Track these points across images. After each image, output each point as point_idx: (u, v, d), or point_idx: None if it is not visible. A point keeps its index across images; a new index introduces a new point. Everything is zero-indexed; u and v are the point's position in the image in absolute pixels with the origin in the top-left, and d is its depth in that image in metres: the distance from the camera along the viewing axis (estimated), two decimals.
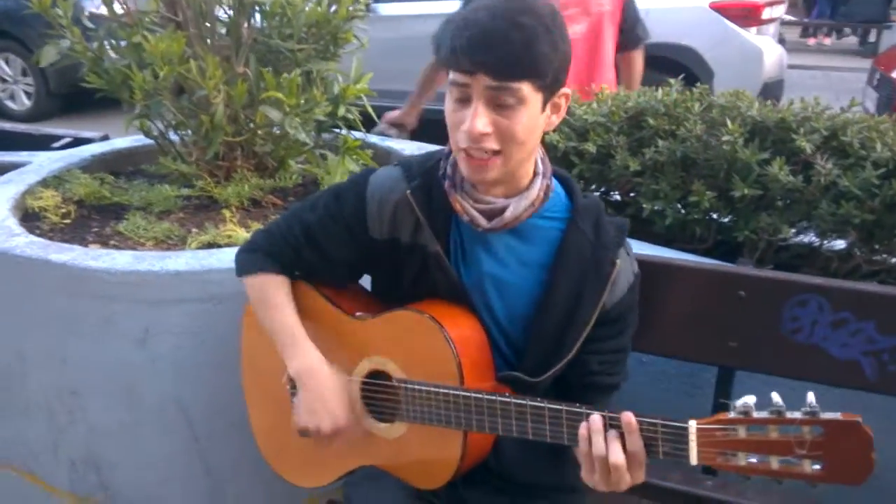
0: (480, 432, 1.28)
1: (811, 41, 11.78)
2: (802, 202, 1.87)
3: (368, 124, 2.59)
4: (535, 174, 1.30)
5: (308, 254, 1.43)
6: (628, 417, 1.11)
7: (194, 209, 2.17)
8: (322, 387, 1.38)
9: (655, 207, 1.97)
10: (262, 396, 1.57)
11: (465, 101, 1.19)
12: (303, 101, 2.05)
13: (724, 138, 1.87)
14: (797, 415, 1.02)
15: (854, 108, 1.95)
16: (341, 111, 2.28)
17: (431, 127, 3.16)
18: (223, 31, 2.17)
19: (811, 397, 1.03)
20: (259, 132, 2.18)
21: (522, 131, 1.18)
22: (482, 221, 1.29)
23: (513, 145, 1.19)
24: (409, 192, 1.33)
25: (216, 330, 1.72)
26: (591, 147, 2.00)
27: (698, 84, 2.11)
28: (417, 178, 1.34)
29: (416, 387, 1.32)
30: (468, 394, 1.27)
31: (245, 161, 2.24)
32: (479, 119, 1.17)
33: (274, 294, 1.44)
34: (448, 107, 1.22)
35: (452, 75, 1.19)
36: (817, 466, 1.01)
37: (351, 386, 1.42)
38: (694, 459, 1.08)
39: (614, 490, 1.13)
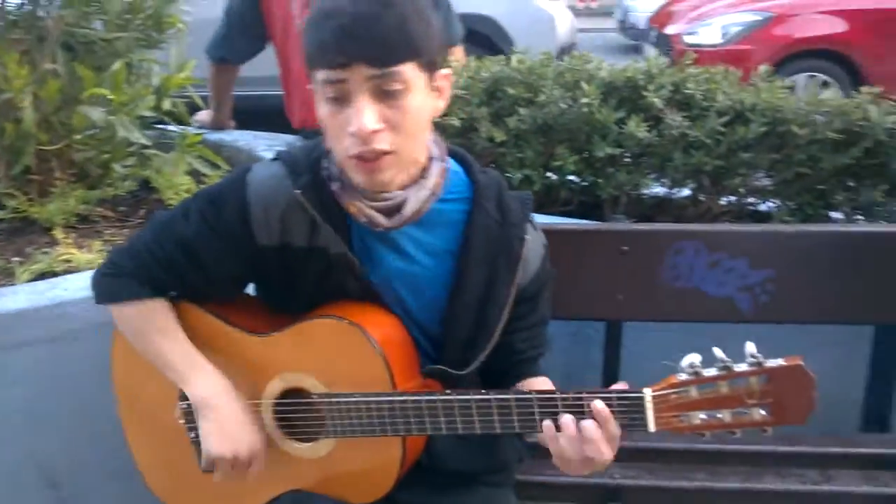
0: (421, 435, 1.21)
1: (580, 3, 12.61)
2: (657, 155, 1.96)
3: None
4: (431, 158, 1.21)
5: (186, 271, 1.25)
6: (598, 407, 1.07)
7: (8, 234, 1.86)
8: (230, 411, 1.24)
9: (522, 175, 1.96)
10: (150, 432, 1.38)
11: (342, 100, 1.07)
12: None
13: (583, 100, 1.90)
14: (744, 367, 1.04)
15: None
16: (166, 104, 2.06)
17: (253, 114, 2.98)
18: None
19: (752, 347, 1.05)
20: (77, 137, 1.90)
21: (413, 119, 1.09)
22: (381, 220, 1.18)
23: (406, 139, 1.10)
24: (298, 191, 1.19)
25: (73, 370, 1.49)
26: (454, 121, 1.95)
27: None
28: (305, 175, 1.20)
29: (343, 399, 1.21)
30: (405, 398, 1.18)
31: (63, 172, 1.94)
32: (365, 115, 1.05)
33: (155, 321, 1.26)
34: (323, 112, 1.10)
35: (323, 74, 1.07)
36: (765, 412, 1.05)
37: (262, 410, 1.28)
38: (652, 427, 1.08)
39: (591, 469, 1.10)
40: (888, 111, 1.89)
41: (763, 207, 2.11)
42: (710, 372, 1.06)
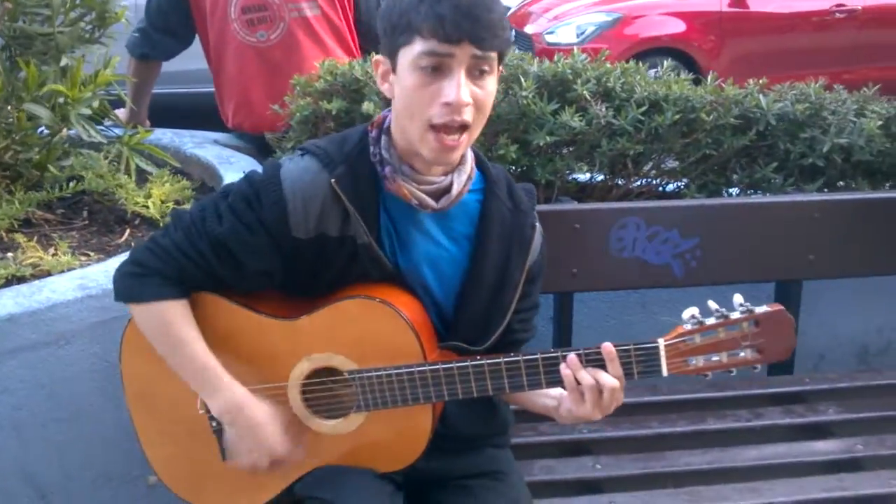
0: (452, 399, 1.31)
1: None
2: (586, 143, 2.16)
3: None
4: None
5: (219, 270, 1.28)
6: (608, 347, 1.23)
7: None
8: (253, 422, 1.29)
9: None
10: (167, 425, 1.39)
11: (440, 72, 1.16)
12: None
13: (522, 93, 2.06)
14: (737, 314, 1.24)
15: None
16: (95, 103, 2.00)
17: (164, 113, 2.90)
18: None
19: (739, 298, 1.26)
20: (16, 137, 1.81)
21: (489, 100, 1.21)
22: (431, 202, 1.28)
23: (481, 117, 1.21)
24: (333, 181, 1.25)
25: (65, 376, 1.45)
26: None
27: None
28: (340, 166, 1.27)
29: (376, 374, 1.29)
30: (438, 366, 1.28)
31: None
32: (463, 89, 1.15)
33: (179, 326, 1.28)
34: (413, 81, 1.18)
35: (429, 45, 1.15)
36: (755, 352, 1.25)
37: (289, 391, 1.33)
38: (665, 372, 1.25)
39: (606, 414, 1.25)
40: (775, 99, 2.20)
41: (670, 187, 2.38)
42: (710, 321, 1.24)
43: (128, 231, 1.85)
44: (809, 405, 1.96)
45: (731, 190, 2.30)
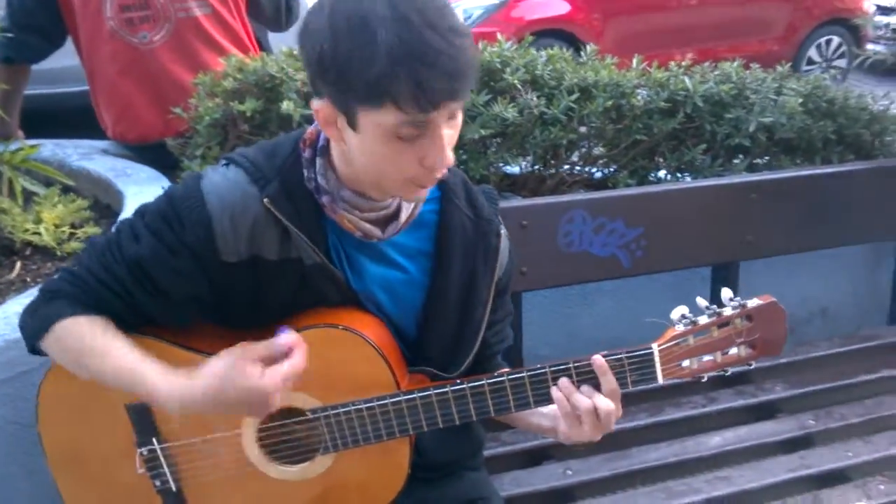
0: (432, 429, 1.19)
1: None
2: (518, 134, 2.07)
3: None
4: None
5: (139, 297, 1.11)
6: (599, 361, 1.14)
7: None
8: (218, 378, 1.05)
9: None
10: (103, 495, 1.20)
11: (416, 135, 0.99)
12: None
13: None
14: (730, 311, 1.18)
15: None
16: None
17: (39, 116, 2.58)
18: None
19: (728, 293, 1.19)
20: None
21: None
22: (377, 233, 1.14)
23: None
24: (266, 199, 1.09)
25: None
26: None
27: None
28: (272, 182, 1.10)
29: (343, 410, 1.15)
30: (413, 395, 1.15)
31: None
32: (445, 150, 1.01)
33: (95, 333, 1.09)
34: (386, 150, 1.01)
35: (407, 117, 0.96)
36: (749, 349, 1.19)
37: (244, 440, 1.17)
38: (660, 379, 1.17)
39: (604, 433, 1.16)
40: (701, 81, 2.19)
41: (599, 175, 2.34)
42: (703, 319, 1.17)
43: (19, 264, 1.60)
44: (758, 384, 1.97)
45: (659, 174, 2.28)
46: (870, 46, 7.48)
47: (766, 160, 2.29)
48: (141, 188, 1.89)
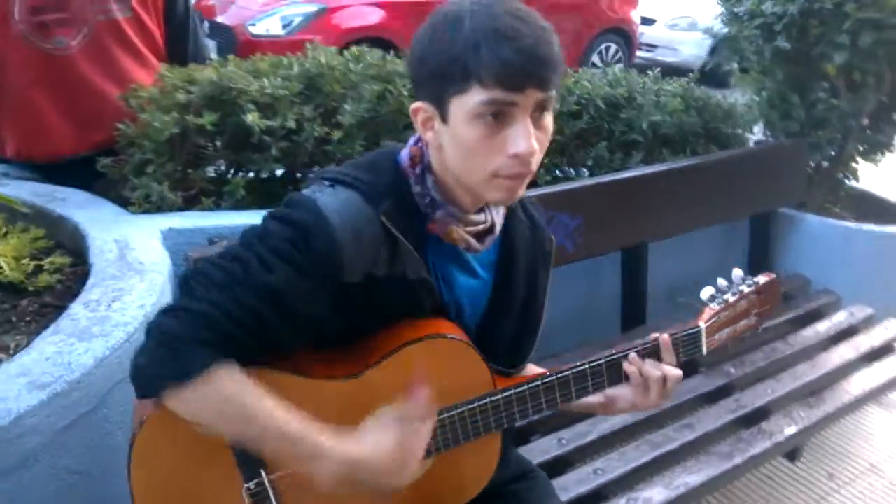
0: (524, 420, 1.28)
1: None
2: None
3: None
4: None
5: (274, 324, 1.07)
6: (665, 338, 1.30)
7: None
8: (377, 451, 1.10)
9: None
10: None
11: (503, 120, 1.04)
12: None
13: (404, 92, 2.03)
14: (747, 289, 1.39)
15: None
16: None
17: None
18: None
19: (740, 272, 1.42)
20: None
21: (549, 138, 1.11)
22: (476, 245, 1.20)
23: (540, 156, 1.10)
24: (383, 216, 1.11)
25: None
26: (290, 122, 1.87)
27: None
28: (386, 200, 1.12)
29: (447, 415, 1.21)
30: (510, 392, 1.24)
31: None
32: (531, 137, 1.04)
33: (244, 394, 1.05)
34: (473, 134, 1.04)
35: (490, 94, 1.00)
36: (756, 317, 1.42)
37: None
38: (704, 351, 1.35)
39: (665, 401, 1.32)
40: (603, 84, 2.46)
41: None
42: (730, 297, 1.38)
43: None
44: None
45: (567, 169, 2.52)
46: (639, 53, 8.56)
47: (652, 153, 2.63)
48: (89, 212, 1.74)
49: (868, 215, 2.97)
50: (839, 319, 2.52)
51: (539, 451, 1.79)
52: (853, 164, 3.02)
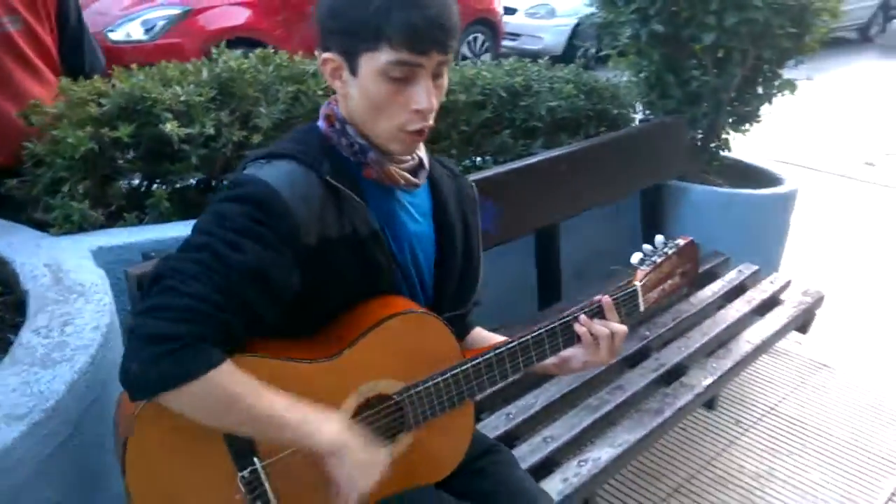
0: (492, 387, 1.36)
1: None
2: None
3: None
4: None
5: (258, 303, 1.10)
6: (607, 299, 1.41)
7: None
8: (359, 441, 1.18)
9: None
10: None
11: (406, 81, 1.14)
12: None
13: (318, 93, 2.04)
14: (670, 251, 1.53)
15: None
16: None
17: None
18: None
19: (661, 237, 1.55)
20: None
21: (442, 96, 1.22)
22: (413, 179, 1.27)
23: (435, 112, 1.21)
24: (328, 177, 1.18)
25: None
26: (209, 129, 1.84)
27: None
28: (324, 163, 1.19)
29: (423, 387, 1.27)
30: (478, 360, 1.31)
31: None
32: (432, 95, 1.16)
33: (240, 384, 1.08)
34: (380, 89, 1.14)
35: (399, 56, 1.11)
36: (680, 277, 1.56)
37: None
38: (641, 308, 1.48)
39: (613, 357, 1.43)
40: (502, 75, 2.56)
41: None
42: (657, 259, 1.52)
43: None
44: None
45: (475, 158, 2.61)
46: (504, 42, 8.82)
47: (551, 137, 2.76)
48: (5, 238, 1.64)
49: (741, 182, 3.26)
50: (731, 278, 2.76)
51: (490, 427, 1.87)
52: (725, 136, 3.30)
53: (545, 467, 1.77)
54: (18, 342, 1.26)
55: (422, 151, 1.31)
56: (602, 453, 1.81)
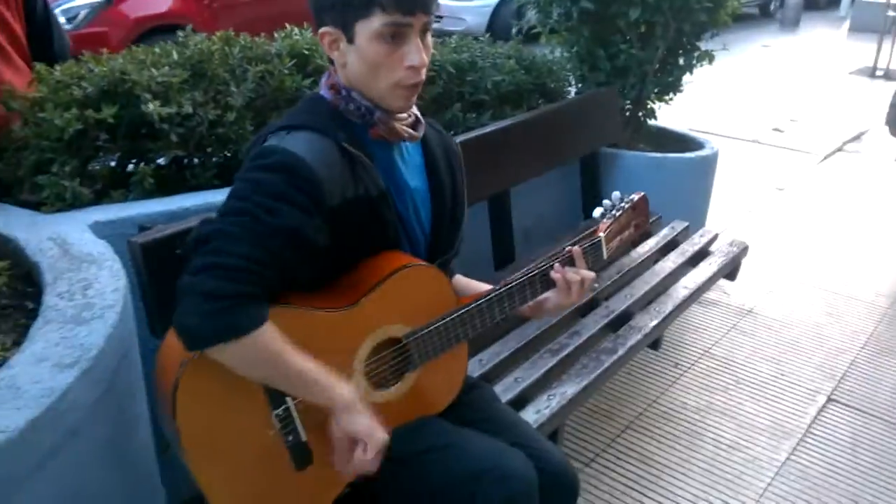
0: (482, 329, 1.53)
1: None
2: None
3: None
4: None
5: (294, 260, 1.25)
6: (577, 250, 1.59)
7: None
8: (362, 413, 1.33)
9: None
10: (235, 470, 1.29)
11: (398, 39, 1.29)
12: None
13: (285, 71, 2.16)
14: (625, 204, 1.73)
15: None
16: None
17: None
18: None
19: (617, 193, 1.75)
20: None
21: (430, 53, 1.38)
22: (413, 132, 1.42)
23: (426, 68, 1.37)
24: (344, 143, 1.32)
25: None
26: (186, 108, 1.94)
27: None
28: (338, 130, 1.33)
29: (426, 330, 1.43)
30: (471, 305, 1.48)
31: None
32: (422, 52, 1.31)
33: (280, 347, 1.23)
34: (377, 50, 1.28)
35: (392, 18, 1.26)
36: (634, 229, 1.76)
37: (356, 378, 1.38)
38: (605, 256, 1.66)
39: (582, 300, 1.61)
40: (450, 52, 2.72)
41: None
42: (616, 213, 1.71)
43: None
44: None
45: None
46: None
47: (497, 110, 2.94)
48: (6, 217, 1.71)
49: (667, 148, 3.53)
50: (664, 234, 3.02)
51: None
52: (651, 106, 3.56)
53: (518, 403, 1.96)
54: (46, 305, 1.35)
55: (415, 109, 1.45)
56: (568, 388, 2.02)
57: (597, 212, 1.70)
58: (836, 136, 6.43)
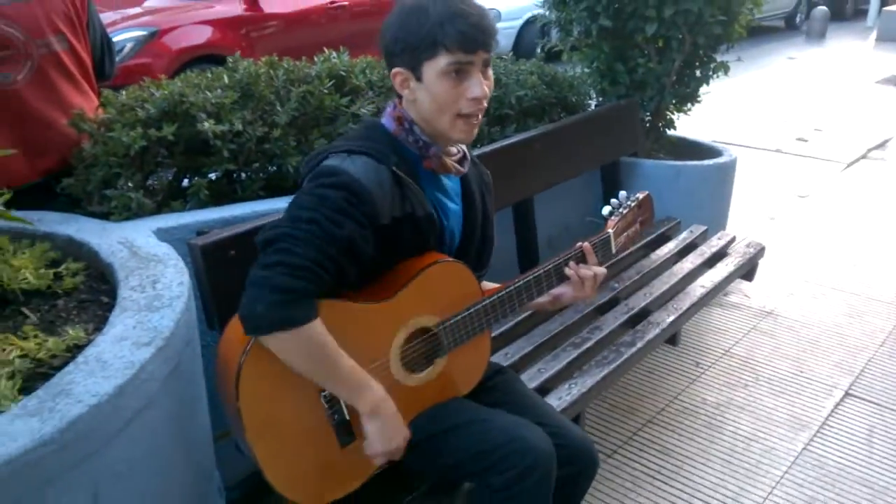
0: (504, 318, 1.69)
1: None
2: None
3: None
4: None
5: (347, 268, 1.44)
6: (587, 246, 1.76)
7: None
8: (391, 414, 1.48)
9: (295, 163, 2.31)
10: (290, 448, 1.46)
11: (462, 76, 1.46)
12: None
13: (324, 91, 2.36)
14: (631, 203, 1.89)
15: None
16: None
17: None
18: None
19: (624, 192, 1.91)
20: None
21: (492, 88, 1.55)
22: (461, 168, 1.61)
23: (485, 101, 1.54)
24: (394, 168, 1.49)
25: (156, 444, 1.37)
26: (238, 126, 2.14)
27: None
28: (392, 157, 1.50)
29: (454, 319, 1.60)
30: (494, 297, 1.65)
31: None
32: (484, 84, 1.49)
33: (326, 341, 1.40)
34: (443, 87, 1.45)
35: (455, 56, 1.43)
36: (639, 225, 1.92)
37: (392, 364, 1.55)
38: (614, 250, 1.83)
39: (596, 294, 1.77)
40: None
41: None
42: (623, 210, 1.87)
43: (26, 310, 1.60)
44: None
45: None
46: None
47: (521, 124, 3.12)
48: (72, 226, 1.92)
49: (686, 156, 3.66)
50: (683, 237, 3.15)
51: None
52: (669, 116, 3.70)
53: (541, 391, 2.11)
54: (121, 297, 1.55)
55: (464, 146, 1.64)
56: (588, 378, 2.17)
57: (605, 210, 1.86)
58: (861, 144, 6.49)
